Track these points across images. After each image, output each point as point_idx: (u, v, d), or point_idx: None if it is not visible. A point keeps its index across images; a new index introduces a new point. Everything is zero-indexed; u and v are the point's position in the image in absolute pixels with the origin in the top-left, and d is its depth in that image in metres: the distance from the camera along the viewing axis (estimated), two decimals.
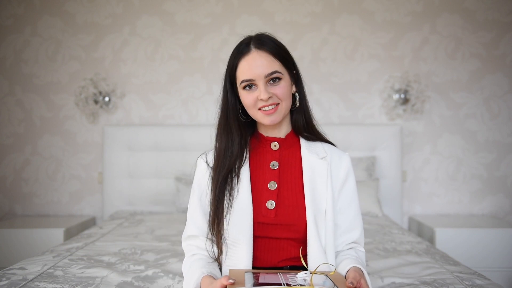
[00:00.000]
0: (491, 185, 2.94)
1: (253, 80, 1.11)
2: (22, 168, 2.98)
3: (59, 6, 2.97)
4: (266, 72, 1.11)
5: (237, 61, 1.14)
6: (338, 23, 2.97)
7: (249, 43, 1.14)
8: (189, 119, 2.99)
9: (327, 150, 1.21)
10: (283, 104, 1.14)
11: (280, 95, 1.13)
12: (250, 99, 1.13)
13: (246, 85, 1.13)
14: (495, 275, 2.37)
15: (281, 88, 1.13)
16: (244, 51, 1.13)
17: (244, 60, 1.13)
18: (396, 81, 2.92)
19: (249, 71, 1.11)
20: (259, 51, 1.12)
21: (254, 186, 1.17)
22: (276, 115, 1.14)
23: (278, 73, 1.12)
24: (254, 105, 1.13)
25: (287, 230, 1.13)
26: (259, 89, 1.12)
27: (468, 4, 2.93)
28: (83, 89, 2.91)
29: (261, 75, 1.11)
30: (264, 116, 1.14)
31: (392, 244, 1.97)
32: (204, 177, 1.21)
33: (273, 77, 1.12)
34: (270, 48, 1.13)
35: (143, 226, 2.36)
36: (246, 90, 1.13)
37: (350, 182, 1.21)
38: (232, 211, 1.13)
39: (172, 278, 1.47)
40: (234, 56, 1.15)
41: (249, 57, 1.12)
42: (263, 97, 1.10)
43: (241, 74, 1.13)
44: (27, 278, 1.41)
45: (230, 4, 2.97)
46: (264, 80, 1.11)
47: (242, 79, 1.12)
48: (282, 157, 1.20)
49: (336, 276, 1.02)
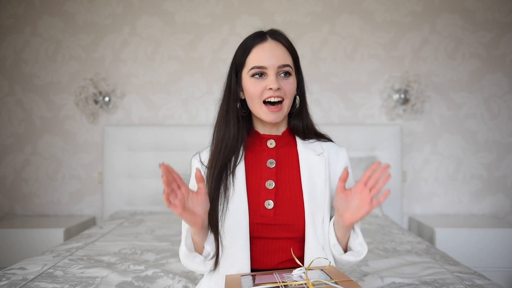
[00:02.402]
0: (491, 185, 2.94)
1: (265, 68, 1.10)
2: (22, 168, 2.98)
3: (59, 6, 2.97)
4: (280, 63, 1.10)
5: (250, 48, 1.12)
6: (338, 23, 2.97)
7: (264, 33, 1.14)
8: (189, 119, 2.99)
9: (323, 147, 1.20)
10: (286, 101, 1.12)
11: (287, 91, 1.11)
12: (257, 88, 1.10)
13: (256, 73, 1.11)
14: (495, 275, 2.37)
15: (289, 84, 1.12)
16: (259, 39, 1.12)
17: (259, 47, 1.11)
18: (396, 81, 2.92)
19: (263, 58, 1.10)
20: (276, 42, 1.12)
21: (251, 186, 1.14)
22: (280, 114, 1.12)
23: (289, 68, 1.12)
24: (260, 95, 1.11)
25: (286, 230, 1.12)
26: (269, 78, 1.10)
27: (468, 4, 2.93)
28: (83, 89, 2.91)
29: (275, 64, 1.10)
30: (268, 113, 1.11)
31: (392, 244, 1.97)
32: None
33: (285, 70, 1.11)
34: (285, 42, 1.14)
35: (143, 226, 2.36)
36: (255, 78, 1.11)
37: (349, 176, 1.20)
38: (227, 211, 1.11)
39: (172, 278, 1.47)
40: (247, 44, 1.13)
41: (265, 45, 1.11)
42: (272, 86, 1.08)
43: (253, 61, 1.11)
44: (27, 278, 1.41)
45: (230, 4, 2.97)
46: (276, 71, 1.10)
47: (254, 65, 1.10)
48: (278, 155, 1.18)
49: (331, 269, 1.02)
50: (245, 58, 1.12)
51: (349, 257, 1.10)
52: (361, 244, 1.10)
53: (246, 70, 1.12)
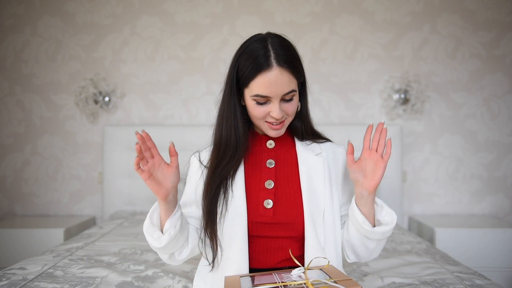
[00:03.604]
0: (491, 185, 2.94)
1: (269, 97, 1.08)
2: (22, 168, 2.98)
3: (59, 6, 2.97)
4: (284, 92, 1.08)
5: (255, 74, 1.06)
6: (338, 23, 2.97)
7: (268, 55, 1.06)
8: (189, 119, 2.99)
9: (322, 147, 1.21)
10: (289, 118, 1.15)
11: (290, 112, 1.12)
12: (260, 112, 1.10)
13: (260, 101, 1.09)
14: (495, 275, 2.37)
15: (292, 105, 1.12)
16: (264, 66, 1.05)
17: (263, 76, 1.06)
18: (396, 81, 2.92)
19: (267, 89, 1.06)
20: (281, 69, 1.06)
21: (250, 185, 1.15)
22: (282, 130, 1.15)
23: (294, 92, 1.10)
24: (262, 118, 1.12)
25: (285, 229, 1.12)
26: (273, 105, 1.09)
27: (468, 4, 2.93)
28: (83, 89, 2.91)
29: (279, 94, 1.07)
30: (270, 130, 1.13)
31: (392, 244, 1.97)
32: (196, 174, 1.21)
33: (289, 96, 1.10)
34: (291, 66, 1.08)
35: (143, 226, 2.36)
36: (257, 103, 1.10)
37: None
38: (226, 212, 1.12)
39: (172, 278, 1.47)
40: (251, 66, 1.07)
41: (270, 74, 1.05)
42: (276, 115, 1.08)
43: (257, 89, 1.07)
44: (27, 278, 1.41)
45: (230, 4, 2.97)
46: (280, 98, 1.09)
47: (258, 93, 1.07)
48: (278, 155, 1.19)
49: (330, 269, 1.02)
50: (249, 82, 1.09)
51: (382, 228, 1.11)
52: (388, 213, 1.12)
53: (248, 92, 1.10)
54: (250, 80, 1.08)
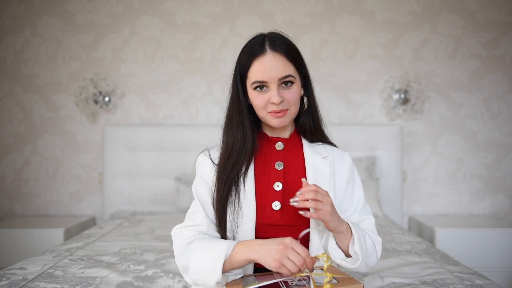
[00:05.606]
0: (491, 185, 2.94)
1: (266, 82, 1.10)
2: (22, 168, 2.98)
3: (59, 6, 2.97)
4: (280, 76, 1.09)
5: (251, 61, 1.11)
6: (338, 23, 2.97)
7: (263, 43, 1.11)
8: (189, 119, 2.99)
9: (329, 151, 1.22)
10: (292, 109, 1.14)
11: (291, 100, 1.12)
12: (261, 100, 1.12)
13: (258, 86, 1.11)
14: (495, 275, 2.37)
15: (292, 92, 1.12)
16: (259, 52, 1.10)
17: (258, 61, 1.10)
18: (396, 81, 2.92)
19: (263, 73, 1.09)
20: (275, 53, 1.10)
21: (259, 187, 1.16)
22: (285, 118, 1.14)
23: (291, 77, 1.11)
24: (264, 107, 1.12)
25: (291, 231, 1.12)
26: (271, 91, 1.10)
27: (468, 4, 2.93)
28: (83, 89, 2.91)
29: (275, 78, 1.09)
30: (273, 118, 1.13)
31: (392, 244, 1.97)
32: (210, 175, 1.18)
33: (286, 80, 1.11)
34: (285, 51, 1.11)
35: (143, 226, 2.36)
36: (257, 90, 1.12)
37: (356, 179, 1.22)
38: (240, 210, 1.11)
39: (172, 278, 1.48)
40: (247, 55, 1.12)
41: (264, 59, 1.10)
42: (275, 100, 1.09)
43: (254, 75, 1.11)
44: (27, 278, 1.41)
45: (230, 4, 2.97)
46: (277, 83, 1.10)
47: (255, 80, 1.10)
48: (286, 157, 1.20)
49: (331, 269, 1.03)
50: (247, 72, 1.12)
51: (342, 262, 1.10)
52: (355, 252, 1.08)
53: (249, 82, 1.13)
54: (248, 69, 1.12)
